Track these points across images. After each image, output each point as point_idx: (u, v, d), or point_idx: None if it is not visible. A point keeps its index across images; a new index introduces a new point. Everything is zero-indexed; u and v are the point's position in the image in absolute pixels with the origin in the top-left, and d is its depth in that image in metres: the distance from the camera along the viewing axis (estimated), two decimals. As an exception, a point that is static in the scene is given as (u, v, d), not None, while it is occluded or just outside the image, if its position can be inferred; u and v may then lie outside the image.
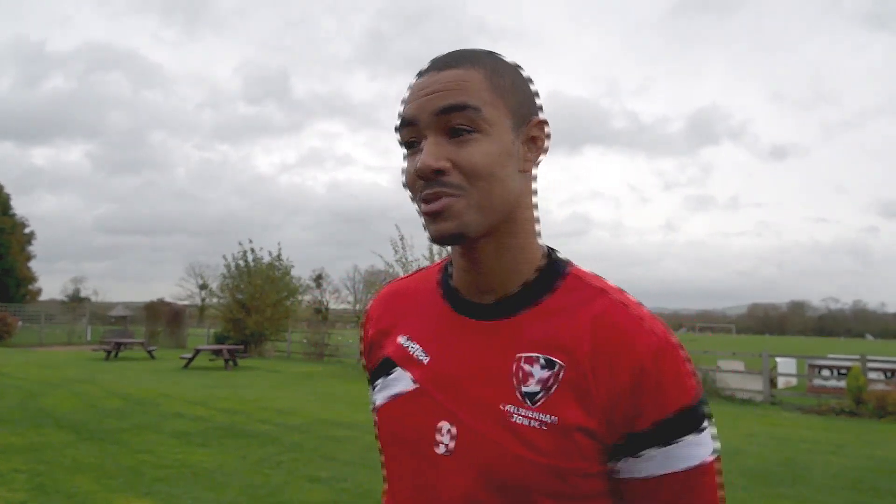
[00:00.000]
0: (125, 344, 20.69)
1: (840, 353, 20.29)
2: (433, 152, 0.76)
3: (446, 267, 0.91)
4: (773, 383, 14.26)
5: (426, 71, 0.81)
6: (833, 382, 14.41)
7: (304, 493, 5.06)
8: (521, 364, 0.78)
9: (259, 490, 5.11)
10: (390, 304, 0.95)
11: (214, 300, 26.50)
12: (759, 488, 5.67)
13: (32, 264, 41.39)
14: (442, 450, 0.79)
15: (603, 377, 0.75)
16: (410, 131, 0.80)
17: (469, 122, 0.76)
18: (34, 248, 41.73)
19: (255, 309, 22.69)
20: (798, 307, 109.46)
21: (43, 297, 46.26)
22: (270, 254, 23.93)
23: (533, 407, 0.76)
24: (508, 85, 0.80)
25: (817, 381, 14.81)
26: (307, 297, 34.99)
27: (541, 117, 0.84)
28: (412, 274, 0.98)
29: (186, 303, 43.24)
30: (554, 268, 0.84)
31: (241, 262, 23.46)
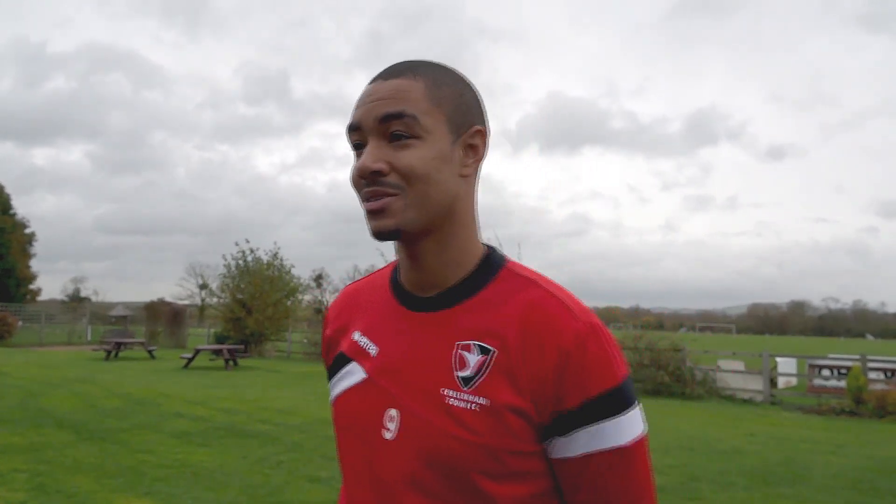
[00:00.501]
0: (125, 344, 20.70)
1: (840, 353, 20.29)
2: (373, 154, 0.84)
3: (396, 266, 0.97)
4: (773, 383, 14.26)
5: (374, 79, 0.88)
6: (833, 382, 14.40)
7: (304, 493, 5.06)
8: (459, 351, 0.85)
9: (259, 490, 5.11)
10: (346, 304, 1.02)
11: (214, 300, 26.50)
12: (760, 488, 5.67)
13: (33, 264, 41.44)
14: (388, 435, 0.86)
15: (530, 360, 0.81)
16: (357, 135, 0.87)
17: (407, 129, 0.83)
18: (34, 248, 41.78)
19: (255, 308, 22.69)
20: (798, 307, 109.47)
21: (43, 297, 46.35)
22: (269, 253, 23.97)
23: (468, 390, 0.82)
24: (447, 95, 0.87)
25: (817, 381, 14.80)
26: (307, 297, 34.93)
27: (479, 126, 0.90)
28: (369, 275, 1.05)
29: (186, 303, 43.20)
30: (491, 262, 0.90)
31: (241, 262, 23.47)
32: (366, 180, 0.84)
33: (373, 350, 0.92)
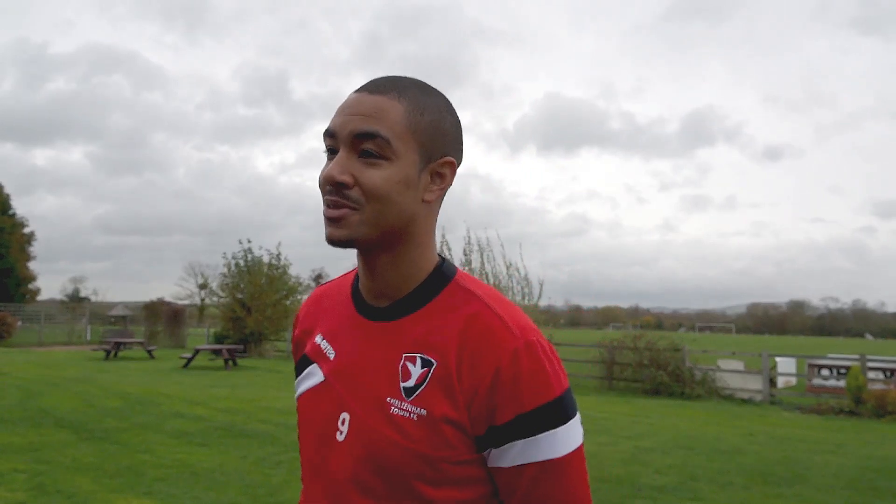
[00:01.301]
0: (125, 344, 20.71)
1: (840, 353, 20.29)
2: (341, 166, 0.86)
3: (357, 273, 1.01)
4: (772, 383, 14.28)
5: (359, 90, 0.90)
6: (833, 382, 14.42)
7: (303, 493, 5.06)
8: (404, 362, 0.88)
9: (259, 490, 5.11)
10: (314, 307, 1.06)
11: (214, 299, 26.48)
12: (759, 488, 5.67)
13: (32, 264, 41.43)
14: (340, 437, 0.90)
15: (466, 374, 0.84)
16: (331, 141, 0.89)
17: (377, 149, 0.85)
18: (34, 248, 41.76)
19: (254, 308, 22.68)
20: (798, 307, 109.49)
21: (42, 296, 46.34)
22: (269, 252, 23.95)
23: (409, 401, 0.86)
24: (425, 123, 0.88)
25: (817, 381, 14.81)
26: (307, 297, 34.93)
27: (451, 157, 0.92)
28: (337, 278, 1.09)
29: (186, 302, 43.23)
30: (441, 275, 0.93)
31: (241, 262, 23.45)
32: (330, 187, 0.87)
33: (331, 354, 0.96)
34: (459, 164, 0.94)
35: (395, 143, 0.86)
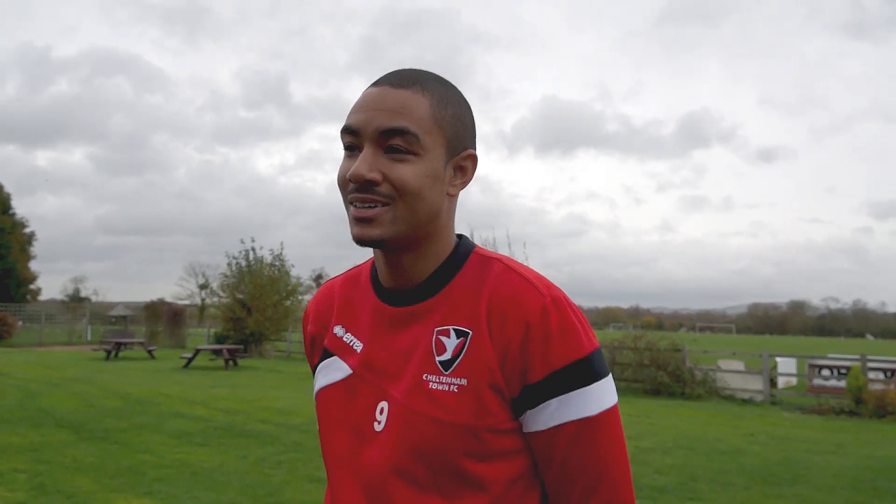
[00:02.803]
0: (125, 344, 20.70)
1: (840, 353, 20.28)
2: (368, 163, 0.84)
3: (374, 264, 0.99)
4: (773, 383, 14.25)
5: (379, 83, 0.88)
6: (833, 382, 14.40)
7: (304, 493, 5.06)
8: (437, 337, 0.88)
9: (259, 490, 5.11)
10: (327, 301, 1.04)
11: (215, 299, 26.47)
12: (760, 488, 5.67)
13: (33, 264, 41.39)
14: (378, 427, 0.88)
15: (497, 335, 0.84)
16: (352, 138, 0.87)
17: (406, 144, 0.84)
18: (35, 248, 41.74)
19: (255, 309, 22.67)
20: (798, 307, 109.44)
21: (43, 297, 46.29)
22: (272, 252, 23.92)
23: (447, 374, 0.85)
24: (450, 116, 0.88)
25: (817, 381, 14.80)
26: (307, 297, 34.96)
27: (472, 150, 0.92)
28: (345, 272, 1.07)
29: (186, 303, 43.13)
30: (461, 252, 0.93)
31: (243, 262, 23.43)
32: (356, 186, 0.85)
33: (357, 346, 0.94)
34: (477, 159, 0.94)
35: (424, 139, 0.85)
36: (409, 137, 0.84)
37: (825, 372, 15.03)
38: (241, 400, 10.42)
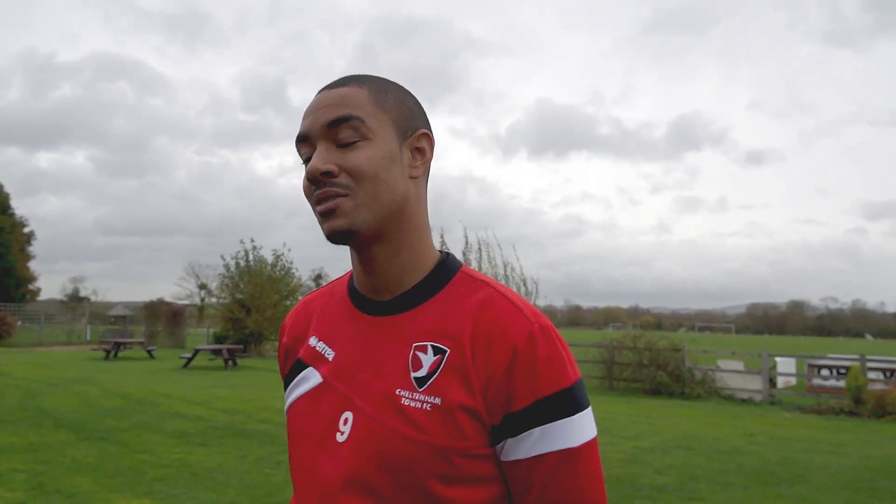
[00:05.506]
0: (125, 343, 20.70)
1: (839, 353, 20.30)
2: (322, 157, 0.84)
3: (352, 275, 0.98)
4: (772, 383, 14.26)
5: (319, 91, 0.90)
6: (832, 382, 14.41)
7: (303, 493, 5.06)
8: (415, 352, 0.85)
9: (259, 490, 5.11)
10: (303, 313, 1.02)
11: (214, 300, 26.46)
12: (759, 488, 5.67)
13: (33, 264, 41.40)
14: (340, 438, 0.85)
15: (481, 359, 0.82)
16: (306, 147, 0.88)
17: (354, 132, 0.84)
18: (34, 248, 41.74)
19: (254, 309, 22.67)
20: (797, 307, 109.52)
21: (42, 296, 46.23)
22: (274, 251, 23.90)
23: (421, 390, 0.82)
24: (391, 100, 0.89)
25: (817, 381, 14.81)
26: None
27: (425, 129, 0.91)
28: (325, 285, 1.06)
29: (186, 303, 43.08)
30: (447, 267, 0.92)
31: (242, 262, 23.41)
32: (315, 183, 0.85)
33: (330, 354, 0.92)
34: (433, 139, 0.93)
35: (370, 122, 0.85)
36: (355, 122, 0.84)
37: (824, 372, 15.05)
38: (240, 400, 10.42)
